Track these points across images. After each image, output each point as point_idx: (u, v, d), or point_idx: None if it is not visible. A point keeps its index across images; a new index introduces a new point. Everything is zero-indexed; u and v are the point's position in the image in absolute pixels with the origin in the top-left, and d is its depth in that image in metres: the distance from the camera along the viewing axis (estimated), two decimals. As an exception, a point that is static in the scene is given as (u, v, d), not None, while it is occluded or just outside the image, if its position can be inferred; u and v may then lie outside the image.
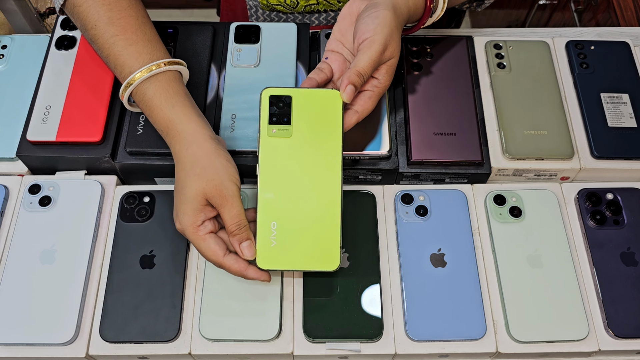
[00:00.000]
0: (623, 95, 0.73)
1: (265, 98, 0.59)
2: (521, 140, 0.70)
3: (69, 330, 0.60)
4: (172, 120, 0.59)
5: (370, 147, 0.67)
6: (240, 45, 0.74)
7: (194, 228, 0.57)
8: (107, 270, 0.63)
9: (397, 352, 0.60)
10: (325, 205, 0.58)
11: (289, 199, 0.58)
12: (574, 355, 0.62)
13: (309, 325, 0.60)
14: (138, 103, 0.62)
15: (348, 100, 0.58)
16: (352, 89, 0.58)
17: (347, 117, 0.59)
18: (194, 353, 0.60)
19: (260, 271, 0.58)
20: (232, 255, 0.57)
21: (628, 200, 0.67)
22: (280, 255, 0.57)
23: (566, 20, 1.31)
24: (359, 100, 0.60)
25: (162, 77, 0.61)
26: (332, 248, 0.57)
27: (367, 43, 0.58)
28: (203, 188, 0.56)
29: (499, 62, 0.75)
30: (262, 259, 0.57)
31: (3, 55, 0.76)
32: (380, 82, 0.60)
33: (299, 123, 0.59)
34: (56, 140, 0.67)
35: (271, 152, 0.58)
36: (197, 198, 0.56)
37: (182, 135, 0.59)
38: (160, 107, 0.60)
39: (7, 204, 0.67)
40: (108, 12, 0.62)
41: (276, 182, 0.58)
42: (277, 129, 0.59)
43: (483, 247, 0.65)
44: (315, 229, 0.57)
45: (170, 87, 0.61)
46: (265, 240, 0.57)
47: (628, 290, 0.62)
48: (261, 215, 0.58)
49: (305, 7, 0.84)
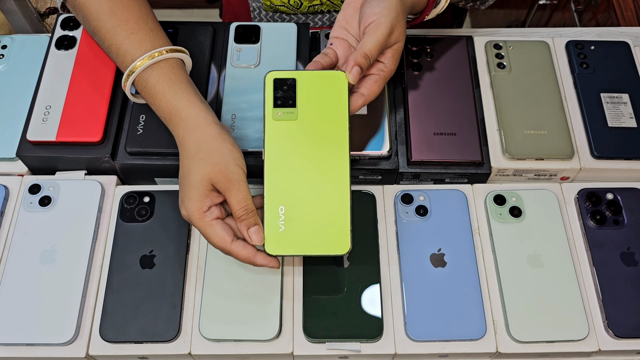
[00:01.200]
0: (623, 95, 0.73)
1: (269, 81, 0.58)
2: (521, 140, 0.70)
3: (69, 330, 0.60)
4: (175, 106, 0.59)
5: (370, 147, 0.67)
6: (240, 45, 0.74)
7: (200, 214, 0.56)
8: (107, 270, 0.63)
9: (397, 352, 0.60)
10: (333, 187, 0.56)
11: (296, 183, 0.56)
12: (574, 355, 0.62)
13: (309, 325, 0.60)
14: (140, 91, 0.62)
15: (354, 81, 0.57)
16: (358, 69, 0.57)
17: (353, 100, 0.59)
18: (194, 353, 0.60)
19: (269, 257, 0.57)
20: (240, 242, 0.56)
21: (628, 200, 0.67)
22: (289, 240, 0.56)
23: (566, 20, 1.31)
24: (365, 83, 0.60)
25: (164, 64, 0.61)
26: (343, 231, 0.56)
27: (374, 26, 0.58)
28: (209, 173, 0.55)
29: (499, 62, 0.75)
30: (270, 245, 0.56)
31: (3, 55, 0.76)
32: (386, 66, 0.60)
33: (304, 106, 0.58)
34: (56, 140, 0.67)
35: (277, 135, 0.57)
36: (202, 183, 0.56)
37: (185, 120, 0.58)
38: (163, 94, 0.59)
39: (7, 204, 0.67)
40: (110, 4, 0.62)
41: (283, 166, 0.57)
42: (282, 112, 0.57)
43: (483, 247, 0.65)
44: (324, 212, 0.56)
45: (173, 74, 0.60)
46: (274, 225, 0.56)
47: (628, 290, 0.62)
48: (268, 200, 0.56)
49: (309, 8, 0.84)
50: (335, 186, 0.56)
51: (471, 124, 0.70)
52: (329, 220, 0.56)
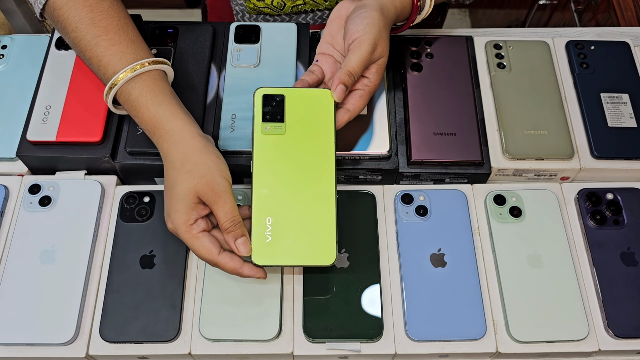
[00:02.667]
0: (623, 95, 0.73)
1: (258, 97, 0.60)
2: (521, 140, 0.70)
3: (69, 330, 0.60)
4: (158, 119, 0.59)
5: (370, 147, 0.67)
6: (240, 45, 0.74)
7: (187, 227, 0.56)
8: (107, 270, 0.63)
9: (397, 352, 0.60)
10: (319, 200, 0.58)
11: (283, 195, 0.58)
12: (574, 355, 0.62)
13: (309, 325, 0.60)
14: (123, 104, 0.62)
15: (339, 100, 0.59)
16: (342, 88, 0.59)
17: (339, 115, 0.60)
18: (194, 353, 0.60)
19: (255, 268, 0.57)
20: (226, 253, 0.57)
21: (628, 200, 0.67)
22: (275, 251, 0.57)
23: (566, 20, 1.31)
24: (351, 99, 0.61)
25: (146, 76, 0.61)
26: (328, 243, 0.57)
27: (357, 43, 0.59)
28: (195, 185, 0.55)
29: (499, 62, 0.75)
30: (257, 255, 0.57)
31: (3, 55, 0.76)
32: (370, 81, 0.61)
33: (292, 121, 0.60)
34: (56, 140, 0.67)
35: (265, 149, 0.59)
36: (188, 196, 0.56)
37: (169, 133, 0.58)
38: (146, 107, 0.59)
39: (7, 204, 0.67)
40: (90, 14, 0.61)
41: (270, 178, 0.58)
42: (270, 127, 0.59)
43: (483, 247, 0.65)
44: (311, 223, 0.57)
45: (156, 87, 0.60)
46: (261, 236, 0.57)
47: (628, 290, 0.62)
48: (256, 211, 0.57)
49: (292, 8, 0.84)
50: (321, 198, 0.58)
51: (471, 124, 0.70)
52: (315, 232, 0.57)
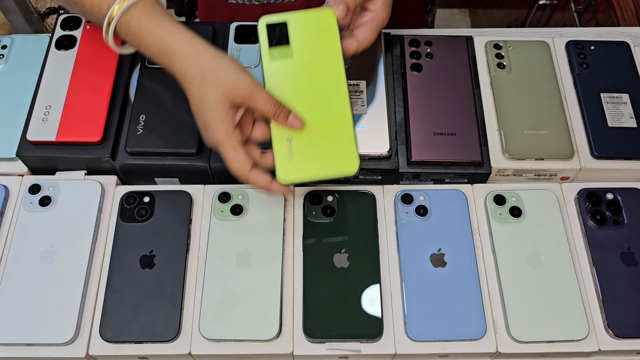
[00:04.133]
0: (623, 95, 0.73)
1: (262, 26, 0.61)
2: (521, 140, 0.70)
3: (69, 330, 0.60)
4: (164, 40, 0.59)
5: (370, 147, 0.67)
6: (240, 45, 0.74)
7: (227, 135, 0.56)
8: (107, 270, 0.63)
9: (397, 352, 0.60)
10: (335, 113, 0.59)
11: (300, 113, 0.59)
12: (574, 355, 0.62)
13: (309, 325, 0.60)
14: (125, 37, 0.61)
15: (341, 16, 0.59)
16: (344, 5, 0.59)
17: (347, 43, 0.61)
18: (194, 353, 0.60)
19: (283, 185, 0.59)
20: (257, 170, 0.58)
21: (628, 200, 0.67)
22: (300, 167, 0.58)
23: (566, 20, 1.31)
24: (360, 30, 0.62)
25: (142, 3, 0.60)
26: (350, 151, 0.58)
27: None
28: (223, 91, 0.56)
29: (499, 62, 0.75)
30: (282, 173, 0.58)
31: (3, 55, 0.76)
32: (377, 14, 0.62)
33: (298, 43, 0.60)
34: (56, 140, 0.67)
35: (275, 74, 0.60)
36: (221, 103, 0.56)
37: (178, 51, 0.58)
38: (149, 32, 0.59)
39: (7, 204, 0.67)
40: None
41: (285, 100, 0.59)
42: (277, 52, 0.60)
43: (483, 247, 0.65)
44: (330, 136, 0.59)
45: (153, 11, 0.60)
46: (283, 156, 0.58)
47: (628, 290, 0.62)
48: (275, 134, 0.59)
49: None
50: (337, 111, 0.59)
51: (471, 124, 0.70)
52: (335, 144, 0.59)
